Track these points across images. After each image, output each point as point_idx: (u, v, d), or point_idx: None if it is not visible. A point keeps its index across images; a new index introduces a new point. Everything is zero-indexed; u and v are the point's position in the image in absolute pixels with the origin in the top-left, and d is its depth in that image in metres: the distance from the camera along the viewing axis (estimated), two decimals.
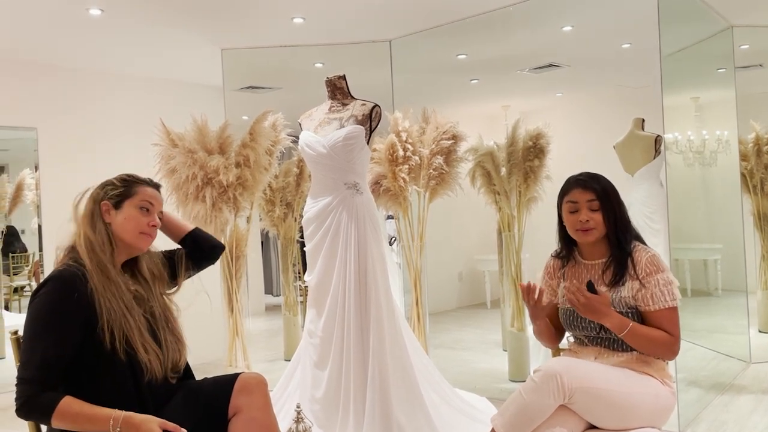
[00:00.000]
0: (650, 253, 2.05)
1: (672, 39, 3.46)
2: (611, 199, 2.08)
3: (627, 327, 1.95)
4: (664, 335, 1.98)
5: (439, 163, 3.92)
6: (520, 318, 4.11)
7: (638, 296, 2.01)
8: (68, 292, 1.67)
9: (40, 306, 1.67)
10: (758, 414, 3.40)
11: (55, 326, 1.65)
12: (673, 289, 2.01)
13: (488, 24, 3.92)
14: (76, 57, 4.43)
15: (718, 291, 4.95)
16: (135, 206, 1.83)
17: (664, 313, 1.99)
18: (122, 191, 1.84)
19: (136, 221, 1.82)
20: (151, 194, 1.88)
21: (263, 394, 1.84)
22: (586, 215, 2.06)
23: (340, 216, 3.02)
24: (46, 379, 1.62)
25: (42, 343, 1.64)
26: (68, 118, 4.61)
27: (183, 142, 3.68)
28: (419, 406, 2.96)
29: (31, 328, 1.67)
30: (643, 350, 2.00)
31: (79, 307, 1.67)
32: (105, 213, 1.81)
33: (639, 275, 2.02)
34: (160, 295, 1.90)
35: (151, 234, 1.87)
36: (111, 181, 1.87)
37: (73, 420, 1.61)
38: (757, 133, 4.88)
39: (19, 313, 4.85)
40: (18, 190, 4.70)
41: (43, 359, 1.63)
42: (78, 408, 1.61)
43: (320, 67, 4.60)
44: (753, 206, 4.92)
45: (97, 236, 1.77)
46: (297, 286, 5.18)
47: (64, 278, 1.70)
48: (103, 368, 1.68)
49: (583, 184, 2.09)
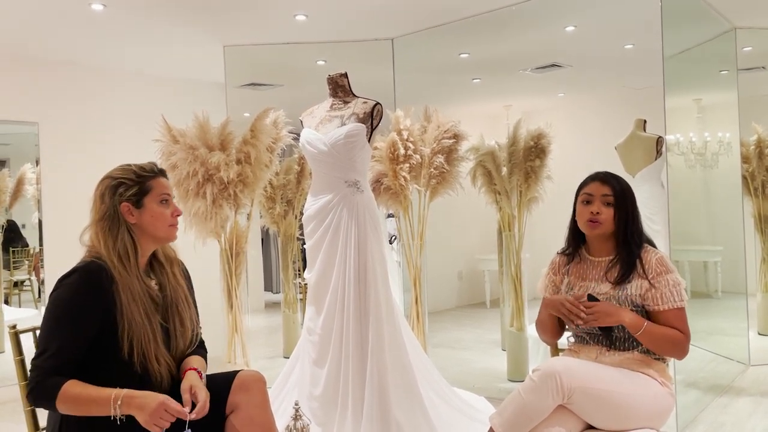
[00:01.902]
0: (658, 254, 2.08)
1: (675, 40, 3.45)
2: (627, 200, 2.12)
3: (643, 325, 1.97)
4: (678, 333, 2.00)
5: (440, 162, 3.91)
6: (519, 318, 4.10)
7: (647, 296, 2.03)
8: (92, 286, 1.68)
9: (63, 296, 1.68)
10: (757, 416, 3.40)
11: (75, 318, 1.66)
12: (681, 290, 2.04)
13: (491, 23, 3.92)
14: (78, 52, 4.43)
15: (718, 293, 4.95)
16: (155, 201, 1.82)
17: (673, 312, 2.01)
18: (138, 189, 1.80)
19: (163, 216, 1.83)
20: (165, 184, 1.87)
21: (261, 391, 1.85)
22: (598, 208, 2.10)
23: (340, 214, 3.02)
24: (59, 367, 1.63)
25: (60, 333, 1.65)
26: (70, 113, 4.61)
27: (184, 138, 3.67)
28: (418, 404, 2.96)
29: (51, 317, 1.68)
30: (656, 349, 2.01)
31: (100, 302, 1.68)
32: (127, 214, 1.79)
33: (648, 275, 2.03)
34: (174, 276, 1.90)
35: (177, 223, 1.88)
36: (119, 178, 1.81)
37: (76, 402, 1.62)
38: (759, 136, 4.87)
39: (18, 307, 4.86)
40: (19, 185, 4.69)
41: (59, 349, 1.64)
42: (81, 389, 1.62)
43: (322, 64, 4.59)
44: (754, 208, 4.92)
45: (119, 243, 1.76)
46: (297, 283, 5.18)
47: (90, 271, 1.70)
48: (116, 373, 1.69)
49: (602, 179, 2.15)
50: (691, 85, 4.58)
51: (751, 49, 4.49)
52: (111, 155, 4.64)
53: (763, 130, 4.87)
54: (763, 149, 4.87)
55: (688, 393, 3.75)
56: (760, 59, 4.77)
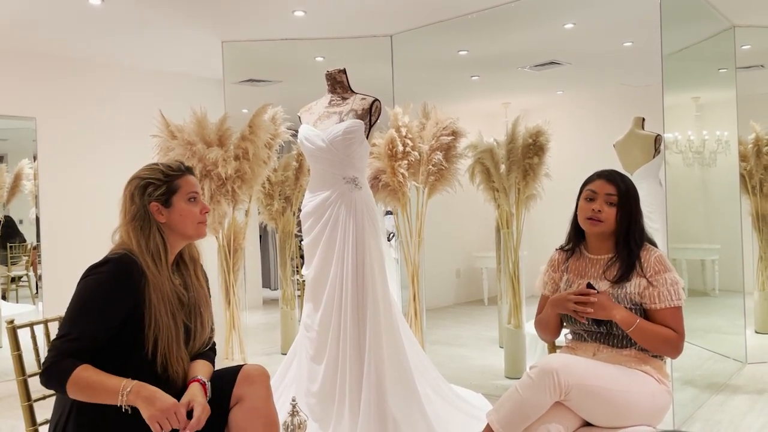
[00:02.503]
0: (657, 253, 2.08)
1: (674, 38, 3.45)
2: (631, 200, 2.11)
3: (635, 322, 1.98)
4: (670, 332, 2.00)
5: (438, 159, 3.91)
6: (516, 315, 4.11)
7: (645, 294, 2.03)
8: (123, 278, 1.69)
9: (92, 284, 1.69)
10: (753, 414, 3.41)
11: (101, 306, 1.67)
12: (678, 289, 2.04)
13: (490, 20, 3.91)
14: (76, 47, 4.42)
15: (716, 291, 4.96)
16: (184, 200, 1.84)
17: (670, 311, 2.02)
18: (166, 188, 1.82)
19: (192, 214, 1.84)
20: (193, 182, 1.88)
21: (265, 385, 1.87)
22: (600, 206, 2.10)
23: (338, 210, 3.02)
24: (76, 352, 1.64)
25: (84, 321, 1.66)
26: (67, 109, 4.60)
27: (182, 134, 3.67)
28: (415, 401, 2.96)
29: (78, 303, 1.69)
30: (648, 346, 2.01)
31: (130, 295, 1.69)
32: (157, 214, 1.80)
33: (647, 273, 2.04)
34: (197, 277, 1.92)
35: (205, 220, 1.89)
36: (147, 178, 1.82)
37: (85, 387, 1.62)
38: (757, 134, 4.87)
39: (16, 303, 4.85)
40: (16, 180, 4.68)
41: (81, 334, 1.65)
42: (92, 374, 1.63)
43: (321, 60, 4.59)
44: (751, 207, 4.92)
45: (151, 243, 1.77)
46: (295, 280, 5.18)
47: (123, 263, 1.71)
48: (137, 371, 1.69)
49: (608, 177, 2.14)
50: (690, 84, 4.58)
51: (749, 47, 4.49)
52: (108, 151, 4.68)
53: (761, 129, 4.87)
54: (761, 148, 4.87)
55: (685, 390, 3.76)
56: (759, 58, 4.77)
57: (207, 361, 1.89)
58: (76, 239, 4.44)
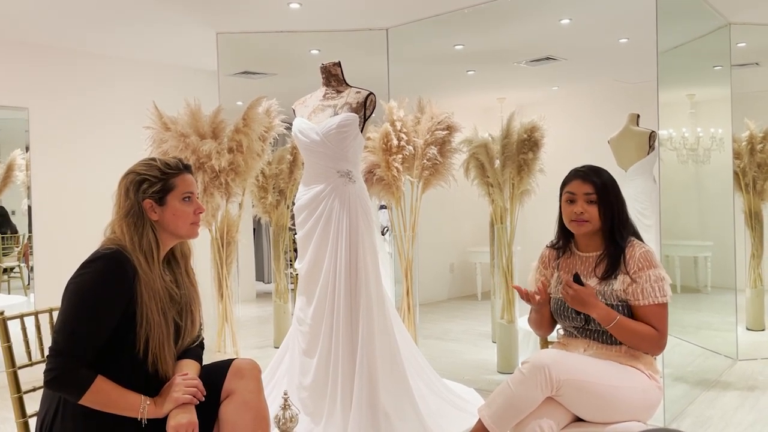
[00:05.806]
0: (644, 248, 2.06)
1: (669, 35, 3.45)
2: (610, 193, 2.10)
3: (614, 319, 1.98)
4: (649, 330, 1.99)
5: (433, 153, 3.91)
6: (509, 310, 4.12)
7: (629, 290, 2.02)
8: (117, 275, 1.67)
9: (86, 282, 1.66)
10: (743, 410, 3.43)
11: (97, 305, 1.65)
12: (664, 286, 2.02)
13: (486, 15, 3.90)
14: (69, 38, 4.38)
15: (708, 288, 4.98)
16: (178, 199, 1.81)
17: (652, 308, 2.00)
18: (162, 186, 1.80)
19: (185, 214, 1.82)
20: (189, 181, 1.86)
21: (256, 379, 1.86)
22: (581, 207, 2.09)
23: (332, 204, 3.01)
24: (83, 354, 1.63)
25: (83, 319, 1.64)
26: (60, 99, 4.57)
27: (175, 125, 3.64)
28: (407, 395, 2.97)
29: (73, 303, 1.66)
30: (628, 343, 2.01)
31: (124, 292, 1.68)
32: (150, 211, 1.78)
33: (630, 270, 2.03)
34: (187, 274, 1.91)
35: (198, 221, 1.87)
36: (143, 174, 1.80)
37: (103, 400, 1.63)
38: (751, 132, 4.89)
39: (8, 294, 4.83)
40: (8, 171, 4.65)
41: (81, 334, 1.64)
42: (110, 389, 1.64)
43: (316, 53, 4.57)
44: (744, 204, 4.94)
45: (144, 240, 1.75)
46: (288, 273, 5.17)
47: (116, 259, 1.69)
48: (128, 370, 1.69)
49: (583, 176, 2.11)
50: (685, 81, 4.58)
51: (745, 44, 4.49)
52: (101, 142, 4.66)
53: (755, 126, 4.89)
54: (754, 145, 4.89)
55: (675, 386, 3.78)
56: (754, 55, 4.78)
57: (195, 358, 1.88)
58: (68, 230, 4.42)
